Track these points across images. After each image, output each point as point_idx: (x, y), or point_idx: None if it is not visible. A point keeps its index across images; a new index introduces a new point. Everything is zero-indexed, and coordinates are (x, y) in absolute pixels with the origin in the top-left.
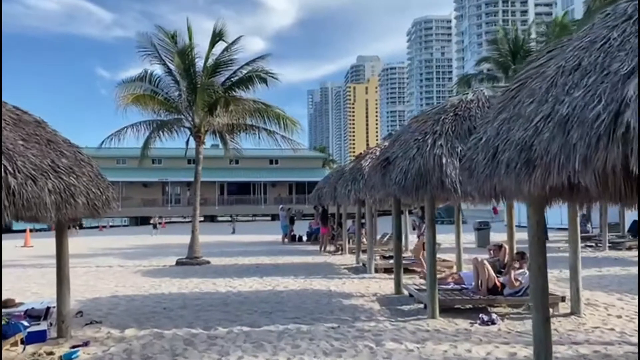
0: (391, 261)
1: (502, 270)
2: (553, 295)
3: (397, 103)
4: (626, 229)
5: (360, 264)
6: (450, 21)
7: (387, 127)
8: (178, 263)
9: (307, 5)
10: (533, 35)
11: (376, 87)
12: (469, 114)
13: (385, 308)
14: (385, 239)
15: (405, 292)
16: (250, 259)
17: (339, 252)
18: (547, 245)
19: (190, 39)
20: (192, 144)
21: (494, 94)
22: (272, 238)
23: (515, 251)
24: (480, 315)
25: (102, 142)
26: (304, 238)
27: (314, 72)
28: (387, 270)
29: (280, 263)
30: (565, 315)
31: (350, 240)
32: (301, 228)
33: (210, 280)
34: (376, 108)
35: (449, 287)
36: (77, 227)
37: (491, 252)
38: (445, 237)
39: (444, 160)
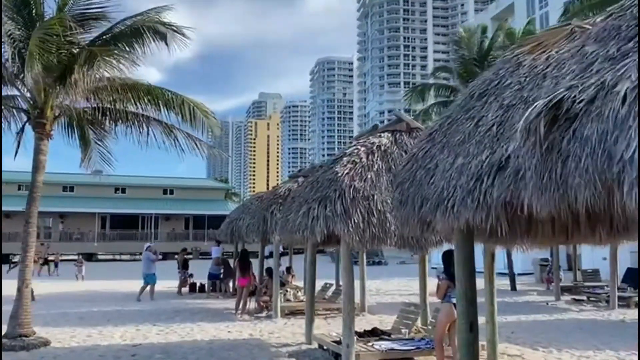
0: (378, 345)
1: None
2: None
3: (299, 140)
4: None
5: (315, 345)
6: (352, 63)
7: (289, 164)
8: None
9: (207, 41)
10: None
11: (278, 124)
12: None
13: None
14: (328, 294)
15: None
16: (124, 329)
17: (265, 313)
18: (526, 299)
19: None
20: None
21: None
22: (162, 286)
23: None
24: None
25: None
26: (207, 287)
27: (213, 106)
28: None
29: (175, 342)
30: None
31: (282, 296)
32: (199, 272)
33: None
34: (278, 144)
35: None
36: None
37: None
38: (375, 283)
39: None
